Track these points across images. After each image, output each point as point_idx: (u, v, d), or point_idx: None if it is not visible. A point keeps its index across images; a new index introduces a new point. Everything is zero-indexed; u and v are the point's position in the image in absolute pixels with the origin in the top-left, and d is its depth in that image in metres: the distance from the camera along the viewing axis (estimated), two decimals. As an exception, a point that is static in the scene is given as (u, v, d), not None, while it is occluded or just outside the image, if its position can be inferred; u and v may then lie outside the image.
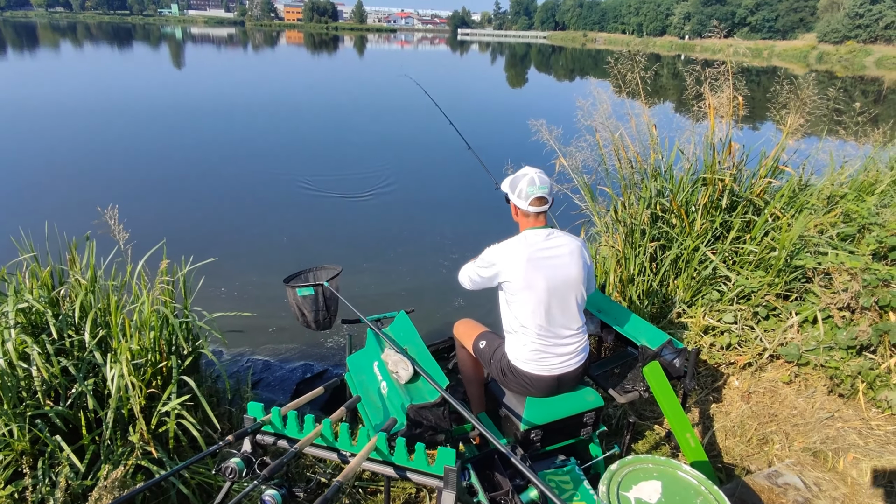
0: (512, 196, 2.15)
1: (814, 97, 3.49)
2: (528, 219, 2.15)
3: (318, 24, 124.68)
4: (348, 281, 5.19)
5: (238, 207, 7.18)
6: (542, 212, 2.12)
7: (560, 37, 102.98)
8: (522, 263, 2.05)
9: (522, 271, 2.05)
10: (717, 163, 3.54)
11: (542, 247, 2.09)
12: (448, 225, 6.89)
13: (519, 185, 2.10)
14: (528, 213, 2.13)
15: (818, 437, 2.38)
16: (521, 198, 2.10)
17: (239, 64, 32.91)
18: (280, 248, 5.97)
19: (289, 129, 12.61)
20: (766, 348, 2.91)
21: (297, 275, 3.32)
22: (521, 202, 2.11)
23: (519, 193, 2.10)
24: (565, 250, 2.12)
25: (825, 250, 2.82)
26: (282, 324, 4.56)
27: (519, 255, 2.07)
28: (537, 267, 2.05)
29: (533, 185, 2.08)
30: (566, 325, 2.15)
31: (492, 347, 2.36)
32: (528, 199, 2.08)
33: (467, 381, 2.62)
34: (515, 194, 2.12)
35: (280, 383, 3.84)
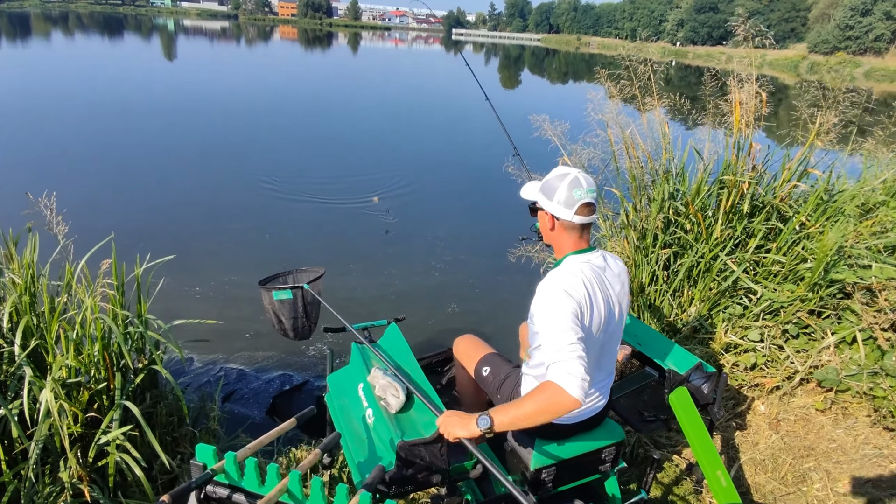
0: (548, 204, 1.60)
1: (844, 97, 3.21)
2: (570, 235, 1.61)
3: (312, 20, 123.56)
4: (332, 284, 4.84)
5: (219, 203, 6.78)
6: (589, 224, 1.62)
7: (554, 40, 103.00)
8: (598, 294, 1.56)
9: (599, 304, 1.56)
10: (739, 164, 3.24)
11: (604, 272, 1.62)
12: (441, 225, 6.56)
13: (558, 189, 1.57)
14: (572, 228, 1.60)
15: (866, 476, 2.08)
16: (564, 205, 1.56)
17: (231, 57, 32.31)
18: (263, 247, 5.59)
19: (276, 125, 12.19)
20: (798, 371, 2.61)
21: (275, 277, 2.97)
22: (562, 211, 1.57)
23: (559, 199, 1.57)
24: (619, 277, 1.68)
25: (866, 262, 2.52)
26: (260, 328, 4.20)
27: (593, 285, 1.55)
28: (605, 298, 1.59)
29: (579, 188, 1.56)
30: (605, 367, 1.80)
31: (498, 378, 2.01)
32: (575, 206, 1.56)
33: (466, 406, 2.29)
34: (554, 201, 1.58)
35: (255, 396, 3.48)
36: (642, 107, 3.89)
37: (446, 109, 17.05)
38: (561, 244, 1.65)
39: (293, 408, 3.33)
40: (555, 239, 1.66)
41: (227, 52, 36.31)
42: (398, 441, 1.60)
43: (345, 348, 3.93)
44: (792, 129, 3.37)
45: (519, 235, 2.81)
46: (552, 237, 1.67)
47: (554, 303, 1.46)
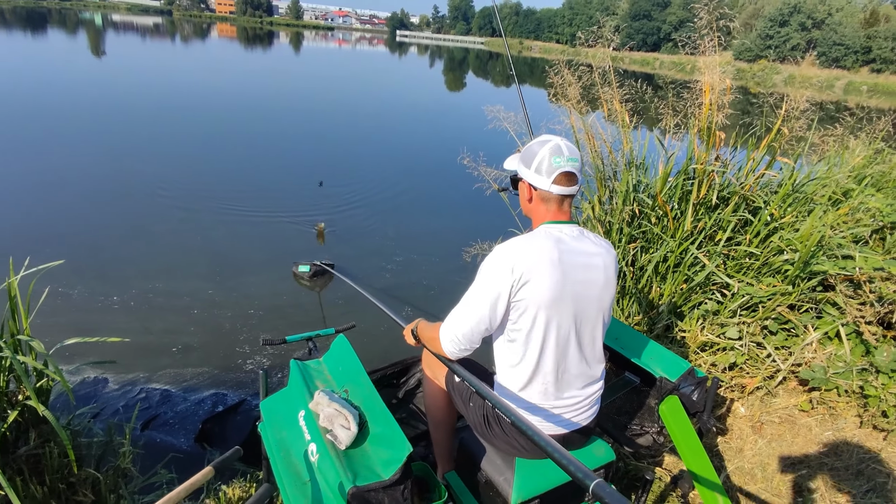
0: (526, 172, 1.48)
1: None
2: (548, 207, 1.48)
3: (252, 19, 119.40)
4: (271, 289, 4.40)
5: (139, 206, 6.12)
6: (569, 196, 1.47)
7: (498, 43, 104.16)
8: (554, 267, 1.39)
9: (552, 279, 1.38)
10: (705, 154, 3.09)
11: (574, 250, 1.45)
12: (391, 225, 6.20)
13: (538, 156, 1.44)
14: (549, 198, 1.46)
15: (867, 485, 1.91)
16: (542, 173, 1.43)
17: (165, 55, 30.51)
18: (192, 251, 5.04)
19: (215, 125, 11.43)
20: (780, 369, 2.45)
21: None
22: (540, 179, 1.44)
23: (538, 167, 1.43)
24: (600, 261, 1.49)
25: (848, 253, 2.39)
26: (189, 341, 3.71)
27: (547, 254, 1.39)
28: (568, 280, 1.41)
29: (559, 155, 1.42)
30: (588, 366, 1.54)
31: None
32: (553, 174, 1.42)
33: (434, 424, 1.96)
34: (532, 169, 1.45)
35: (181, 421, 3.02)
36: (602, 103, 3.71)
37: (390, 110, 16.67)
38: (537, 215, 1.52)
39: (227, 433, 2.90)
40: (532, 211, 1.54)
41: (160, 49, 34.31)
42: (349, 487, 1.26)
43: (281, 362, 3.55)
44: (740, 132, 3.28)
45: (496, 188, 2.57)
46: (530, 209, 1.55)
47: (489, 263, 1.44)
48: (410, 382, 2.84)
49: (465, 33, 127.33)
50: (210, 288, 4.37)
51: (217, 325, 3.89)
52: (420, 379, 2.83)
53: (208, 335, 3.75)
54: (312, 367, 1.79)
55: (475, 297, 1.45)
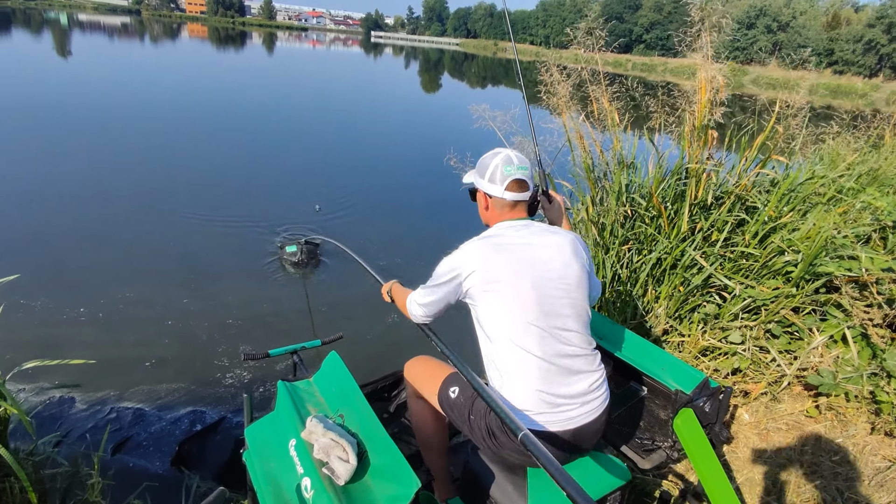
0: (481, 182, 1.62)
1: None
2: (502, 213, 1.62)
3: (224, 19, 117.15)
4: (243, 299, 4.17)
5: (107, 212, 5.82)
6: (520, 200, 1.60)
7: (472, 44, 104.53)
8: (488, 252, 1.51)
9: (491, 262, 1.49)
10: (699, 153, 3.03)
11: (515, 236, 1.56)
12: (372, 227, 6.03)
13: (490, 167, 1.59)
14: (502, 204, 1.60)
15: (887, 497, 1.84)
16: (496, 182, 1.57)
17: (135, 55, 29.65)
18: (164, 258, 4.79)
19: (189, 128, 11.07)
20: (786, 374, 2.38)
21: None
22: (493, 188, 1.58)
23: (492, 177, 1.58)
24: (552, 240, 1.56)
25: (853, 253, 2.33)
26: (164, 353, 3.50)
27: (481, 245, 1.53)
28: (514, 258, 1.50)
29: (510, 164, 1.57)
30: (575, 352, 1.47)
31: (469, 397, 1.59)
32: (504, 181, 1.56)
33: (426, 446, 1.83)
34: (486, 179, 1.59)
35: (156, 442, 2.81)
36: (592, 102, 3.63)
37: (368, 110, 16.45)
38: (494, 222, 1.64)
39: (206, 454, 2.71)
40: (489, 218, 1.66)
41: (129, 49, 33.34)
42: (352, 530, 1.12)
43: (263, 374, 3.36)
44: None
45: None
46: (487, 216, 1.67)
47: (454, 255, 1.54)
48: (402, 396, 2.69)
49: (440, 34, 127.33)
50: (185, 297, 4.14)
51: (193, 336, 3.68)
52: (412, 392, 2.68)
53: (184, 348, 3.54)
54: (302, 388, 1.64)
55: (435, 284, 1.58)
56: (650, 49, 76.01)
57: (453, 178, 4.06)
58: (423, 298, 1.64)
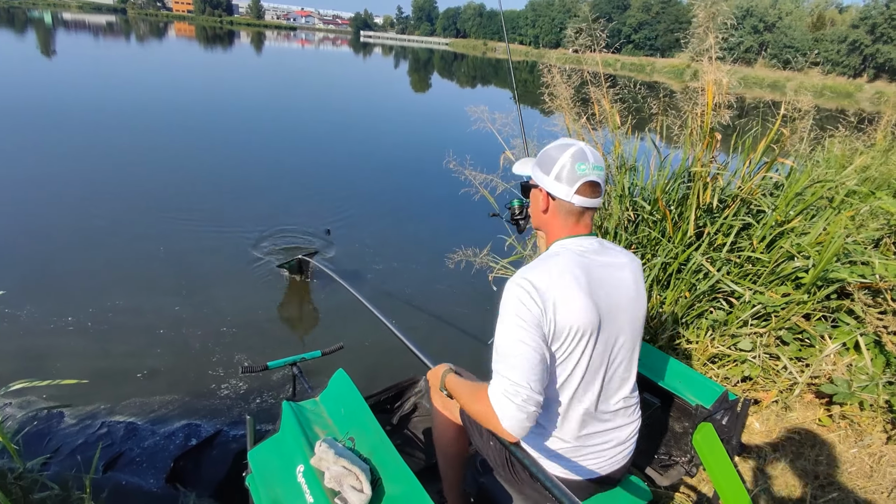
0: (543, 179, 1.32)
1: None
2: (566, 220, 1.32)
3: (211, 18, 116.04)
4: (237, 306, 4.05)
5: (92, 215, 5.67)
6: (591, 208, 1.32)
7: (462, 44, 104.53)
8: (581, 289, 1.22)
9: (581, 302, 1.21)
10: (706, 153, 2.98)
11: (598, 265, 1.30)
12: (369, 231, 5.94)
13: (559, 163, 1.28)
14: (568, 211, 1.31)
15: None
16: (563, 181, 1.28)
17: (120, 54, 29.22)
18: (155, 263, 4.67)
19: (183, 129, 10.89)
20: (797, 382, 2.34)
21: None
22: (560, 188, 1.28)
23: (559, 174, 1.28)
24: (628, 274, 1.34)
25: (865, 259, 2.29)
26: (156, 364, 3.39)
27: (570, 275, 1.22)
28: (598, 300, 1.25)
29: (584, 162, 1.27)
30: (622, 394, 1.38)
31: None
32: (576, 182, 1.27)
33: (443, 455, 1.75)
34: (552, 176, 1.29)
35: (150, 458, 2.71)
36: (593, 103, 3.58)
37: (361, 111, 16.33)
38: (553, 229, 1.36)
39: (203, 471, 2.62)
40: (547, 223, 1.37)
41: (115, 48, 32.87)
42: (370, 568, 1.05)
43: (260, 385, 3.26)
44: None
45: (488, 213, 2.35)
46: (544, 221, 1.38)
47: (508, 298, 1.21)
48: (405, 407, 2.62)
49: (429, 34, 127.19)
50: (176, 304, 4.04)
51: (186, 345, 3.58)
52: (416, 403, 2.62)
53: (177, 357, 3.44)
54: (309, 409, 1.56)
55: (513, 337, 1.17)
56: (638, 49, 76.53)
57: (450, 180, 4.00)
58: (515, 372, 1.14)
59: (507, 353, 1.16)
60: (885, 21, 51.01)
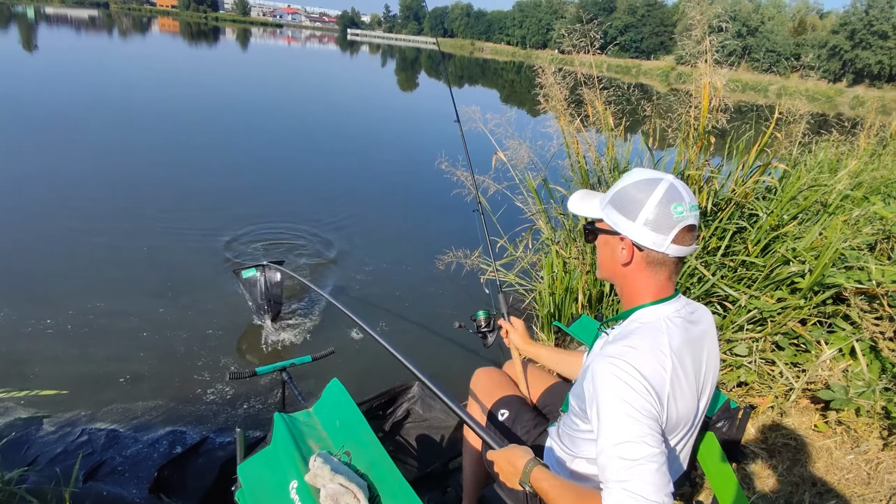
0: (630, 227, 1.06)
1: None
2: (655, 276, 1.08)
3: (196, 13, 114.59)
4: (223, 308, 3.93)
5: (71, 209, 5.52)
6: (683, 259, 1.11)
7: (449, 44, 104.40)
8: (688, 377, 1.04)
9: (689, 394, 1.05)
10: (700, 156, 2.97)
11: (695, 334, 1.09)
12: (358, 231, 5.87)
13: (648, 204, 1.03)
14: (661, 263, 1.07)
15: (907, 518, 1.79)
16: (659, 229, 1.03)
17: (102, 50, 28.69)
18: (138, 263, 4.54)
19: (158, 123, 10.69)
20: (794, 388, 2.33)
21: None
22: (654, 238, 1.03)
23: (652, 220, 1.03)
24: (713, 340, 1.15)
25: (861, 264, 2.29)
26: (139, 369, 3.29)
27: (679, 364, 1.02)
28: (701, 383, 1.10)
29: (680, 203, 1.03)
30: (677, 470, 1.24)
31: (515, 432, 1.48)
32: (673, 229, 1.03)
33: (469, 456, 1.68)
34: (640, 221, 1.04)
35: (132, 467, 2.62)
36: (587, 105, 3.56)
37: (349, 110, 16.21)
38: (637, 287, 1.10)
39: (188, 480, 2.53)
40: (628, 279, 1.11)
41: (97, 43, 32.27)
42: None
43: (247, 390, 3.18)
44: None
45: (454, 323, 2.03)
46: (623, 274, 1.11)
47: (615, 385, 0.95)
48: (398, 413, 2.57)
49: (416, 33, 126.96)
50: (160, 306, 3.92)
51: (170, 349, 3.48)
52: (409, 409, 2.56)
53: (161, 362, 3.34)
54: (302, 421, 1.49)
55: (634, 434, 0.92)
56: (624, 51, 77.13)
57: (442, 180, 3.96)
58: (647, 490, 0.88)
59: (630, 455, 0.91)
60: (864, 27, 52.04)
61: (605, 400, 0.97)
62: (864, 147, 4.48)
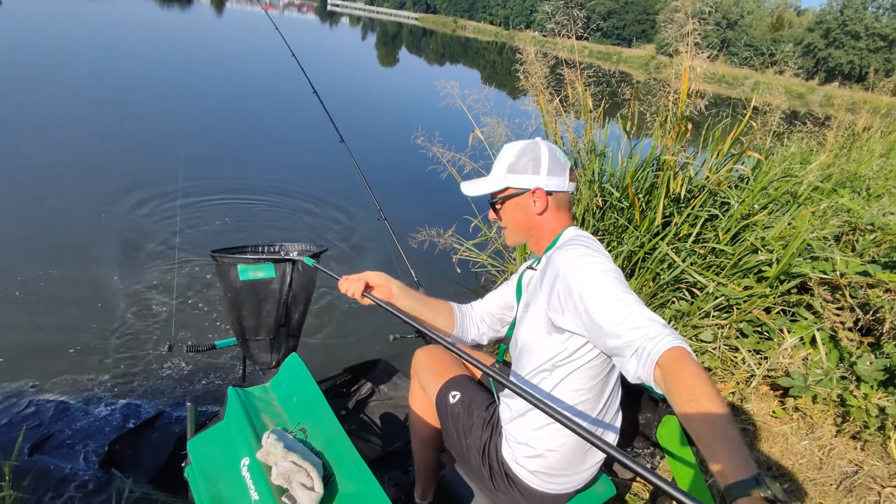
0: (537, 179, 1.26)
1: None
2: (561, 213, 1.31)
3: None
4: (183, 278, 3.78)
5: (21, 177, 5.22)
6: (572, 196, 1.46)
7: (431, 20, 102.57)
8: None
9: None
10: (676, 142, 2.96)
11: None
12: (330, 206, 5.74)
13: (544, 158, 1.27)
14: (565, 201, 1.31)
15: (857, 503, 1.84)
16: (557, 172, 1.27)
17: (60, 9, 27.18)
18: (97, 225, 4.32)
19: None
20: (755, 374, 2.36)
21: (242, 249, 1.92)
22: (557, 181, 1.27)
23: (551, 167, 1.26)
24: None
25: (827, 255, 2.32)
26: (90, 340, 3.15)
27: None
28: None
29: (560, 152, 1.31)
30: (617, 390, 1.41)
31: (472, 413, 1.42)
32: (566, 170, 1.29)
33: (418, 439, 1.64)
34: (544, 172, 1.26)
35: (83, 440, 2.51)
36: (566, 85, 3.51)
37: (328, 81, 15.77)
38: (551, 229, 1.31)
39: (141, 455, 2.43)
40: (542, 225, 1.30)
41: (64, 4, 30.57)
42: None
43: (206, 364, 3.07)
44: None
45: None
46: (538, 224, 1.30)
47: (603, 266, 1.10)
48: (362, 391, 2.52)
49: (398, 7, 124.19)
50: (115, 274, 3.75)
51: (125, 319, 3.33)
52: (374, 387, 2.52)
53: (115, 333, 3.20)
54: (257, 396, 1.43)
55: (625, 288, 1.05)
56: (606, 37, 77.15)
57: (418, 156, 3.87)
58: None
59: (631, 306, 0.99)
60: (838, 27, 53.14)
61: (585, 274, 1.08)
62: (832, 142, 4.58)
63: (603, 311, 1.01)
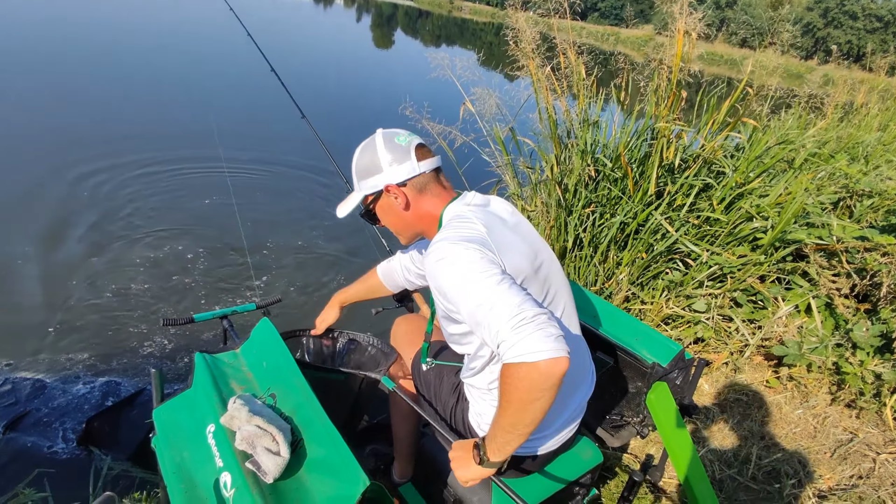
0: (382, 177, 1.19)
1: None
2: (432, 192, 1.20)
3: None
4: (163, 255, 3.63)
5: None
6: (440, 168, 1.25)
7: (427, 1, 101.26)
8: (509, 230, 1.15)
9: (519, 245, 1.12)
10: (670, 110, 2.87)
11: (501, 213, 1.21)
12: (306, 182, 5.62)
13: (380, 153, 1.18)
14: (427, 181, 1.20)
15: (850, 470, 1.79)
16: (400, 160, 1.17)
17: None
18: (72, 207, 4.19)
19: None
20: (749, 344, 2.31)
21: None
22: (402, 168, 1.17)
23: (392, 159, 1.17)
24: (516, 217, 1.24)
25: (823, 221, 2.25)
26: (69, 318, 3.08)
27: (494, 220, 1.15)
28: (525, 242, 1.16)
29: (396, 136, 1.20)
30: (582, 348, 1.29)
31: (442, 379, 1.39)
32: (410, 152, 1.18)
33: (398, 414, 1.59)
34: (386, 166, 1.18)
35: (61, 417, 2.46)
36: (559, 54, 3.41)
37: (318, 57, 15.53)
38: (428, 214, 1.21)
39: (120, 433, 2.38)
40: (420, 215, 1.21)
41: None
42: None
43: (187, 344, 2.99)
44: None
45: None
46: (414, 217, 1.22)
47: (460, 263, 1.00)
48: (344, 363, 2.45)
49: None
50: (94, 252, 3.65)
51: (104, 298, 3.25)
52: (359, 361, 2.44)
53: (93, 311, 3.12)
54: (226, 361, 1.36)
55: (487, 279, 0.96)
56: (604, 18, 76.20)
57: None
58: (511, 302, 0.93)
59: (491, 302, 0.93)
60: (836, 6, 52.55)
61: (446, 279, 1.01)
62: (831, 112, 4.49)
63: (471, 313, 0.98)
